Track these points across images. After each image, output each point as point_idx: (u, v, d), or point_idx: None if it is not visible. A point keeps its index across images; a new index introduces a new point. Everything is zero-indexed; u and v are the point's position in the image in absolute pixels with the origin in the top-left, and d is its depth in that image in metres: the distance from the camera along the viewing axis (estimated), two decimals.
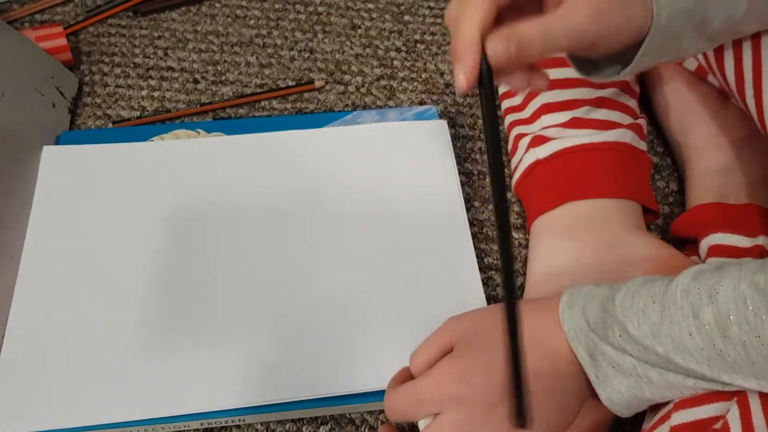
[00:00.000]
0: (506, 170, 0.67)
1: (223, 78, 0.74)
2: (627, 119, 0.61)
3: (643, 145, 0.62)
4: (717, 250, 0.56)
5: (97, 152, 0.65)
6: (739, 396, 0.43)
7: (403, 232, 0.61)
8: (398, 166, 0.64)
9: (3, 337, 0.54)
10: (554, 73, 0.61)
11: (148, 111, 0.72)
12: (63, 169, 0.63)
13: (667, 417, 0.45)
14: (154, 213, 0.61)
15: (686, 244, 0.60)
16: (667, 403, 0.46)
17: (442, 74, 0.74)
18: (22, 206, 0.61)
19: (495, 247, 0.63)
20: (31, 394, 0.52)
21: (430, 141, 0.66)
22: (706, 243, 0.57)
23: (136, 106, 0.72)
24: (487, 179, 0.67)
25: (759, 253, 0.55)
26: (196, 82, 0.74)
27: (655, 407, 0.48)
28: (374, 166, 0.64)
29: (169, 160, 0.64)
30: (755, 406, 0.42)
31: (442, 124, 0.67)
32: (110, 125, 0.70)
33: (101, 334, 0.55)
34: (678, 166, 0.67)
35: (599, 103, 0.60)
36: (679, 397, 0.45)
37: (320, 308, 0.56)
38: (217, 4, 0.80)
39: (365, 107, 0.72)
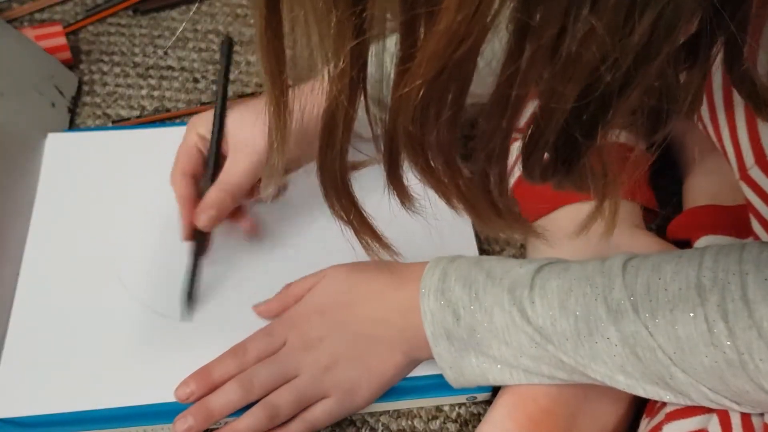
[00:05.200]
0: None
1: None
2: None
3: (641, 144, 0.62)
4: None
5: (102, 138, 0.65)
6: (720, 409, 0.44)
7: (405, 228, 0.61)
8: None
9: (7, 324, 0.55)
10: None
11: (147, 110, 0.71)
12: (68, 155, 0.64)
13: (658, 428, 0.45)
14: (159, 200, 0.61)
15: (683, 247, 0.60)
16: (657, 413, 0.47)
17: None
18: (22, 204, 0.61)
19: (497, 248, 0.63)
20: (36, 379, 0.52)
21: None
22: (698, 245, 0.57)
23: (135, 106, 0.72)
24: None
25: None
26: (196, 81, 0.74)
27: (648, 414, 0.48)
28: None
29: (175, 145, 0.64)
30: (735, 416, 0.43)
31: None
32: (110, 124, 0.70)
33: (104, 321, 0.55)
34: (679, 167, 0.67)
35: None
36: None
37: None
38: (218, 3, 0.80)
39: None
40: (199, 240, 0.56)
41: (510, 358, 0.47)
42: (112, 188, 0.62)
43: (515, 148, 0.61)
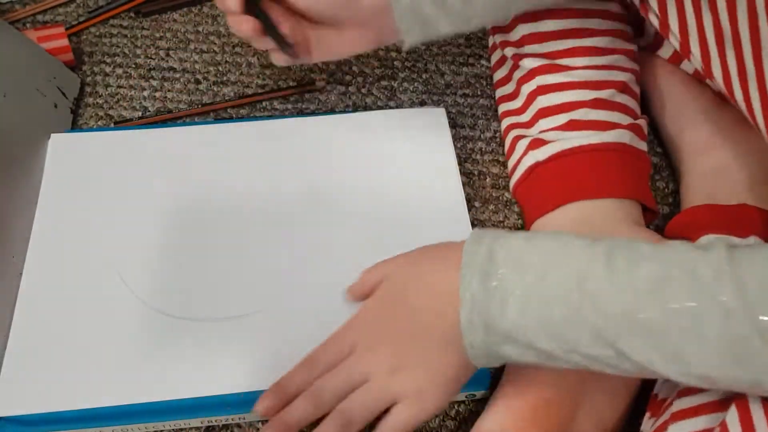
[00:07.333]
0: (505, 170, 0.67)
1: (225, 78, 0.74)
2: (626, 119, 0.61)
3: (643, 146, 0.62)
4: None
5: (105, 138, 0.66)
6: (738, 400, 0.42)
7: (404, 219, 0.61)
8: (398, 152, 0.65)
9: (10, 323, 0.55)
10: (553, 78, 0.62)
11: (149, 111, 0.72)
12: (71, 156, 0.64)
13: (664, 428, 0.45)
14: (161, 199, 0.62)
15: None
16: (663, 412, 0.47)
17: (442, 75, 0.74)
18: (25, 206, 0.61)
19: None
20: (39, 378, 0.53)
21: (429, 127, 0.67)
22: None
23: (137, 107, 0.72)
24: (487, 177, 0.67)
25: None
26: (197, 82, 0.74)
27: (653, 414, 0.48)
28: (373, 153, 0.65)
29: (178, 145, 0.65)
30: (756, 409, 0.42)
31: (440, 111, 0.68)
32: (112, 125, 0.71)
33: (107, 320, 0.56)
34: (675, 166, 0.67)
35: (596, 104, 0.61)
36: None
37: (322, 298, 0.57)
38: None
39: (366, 108, 0.72)
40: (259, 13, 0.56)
41: (559, 353, 0.43)
42: (114, 189, 0.63)
43: (520, 146, 0.62)
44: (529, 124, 0.63)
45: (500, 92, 0.68)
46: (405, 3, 0.54)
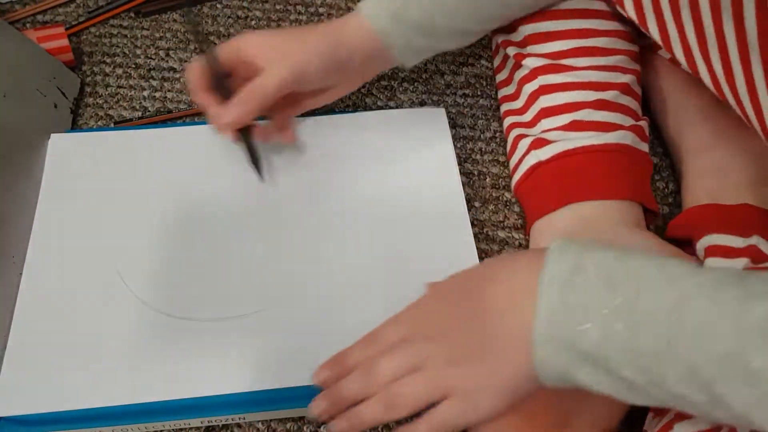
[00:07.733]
0: (505, 170, 0.67)
1: None
2: (628, 121, 0.61)
3: (644, 147, 0.62)
4: (713, 251, 0.56)
5: (105, 138, 0.66)
6: None
7: (404, 220, 0.62)
8: (398, 152, 0.65)
9: (10, 323, 0.55)
10: (555, 78, 0.62)
11: (149, 111, 0.72)
12: (70, 156, 0.64)
13: (669, 427, 0.45)
14: (161, 199, 0.62)
15: (683, 246, 0.60)
16: (667, 412, 0.46)
17: (442, 75, 0.74)
18: (25, 205, 0.61)
19: (495, 248, 0.63)
20: (39, 378, 0.53)
21: (429, 127, 0.67)
22: (701, 245, 0.57)
23: (137, 107, 0.72)
24: (487, 180, 0.67)
25: (752, 253, 0.55)
26: None
27: (657, 413, 0.48)
28: (373, 153, 0.65)
29: (178, 145, 0.65)
30: None
31: (440, 111, 0.68)
32: (112, 125, 0.71)
33: (107, 320, 0.56)
34: (675, 166, 0.67)
35: (599, 105, 0.61)
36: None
37: (322, 298, 0.57)
38: (219, 5, 0.81)
39: (366, 108, 0.72)
40: (244, 132, 0.61)
41: (641, 384, 0.39)
42: (114, 189, 0.63)
43: (522, 145, 0.62)
44: (531, 124, 0.63)
45: (502, 93, 0.69)
46: (401, 43, 0.59)
